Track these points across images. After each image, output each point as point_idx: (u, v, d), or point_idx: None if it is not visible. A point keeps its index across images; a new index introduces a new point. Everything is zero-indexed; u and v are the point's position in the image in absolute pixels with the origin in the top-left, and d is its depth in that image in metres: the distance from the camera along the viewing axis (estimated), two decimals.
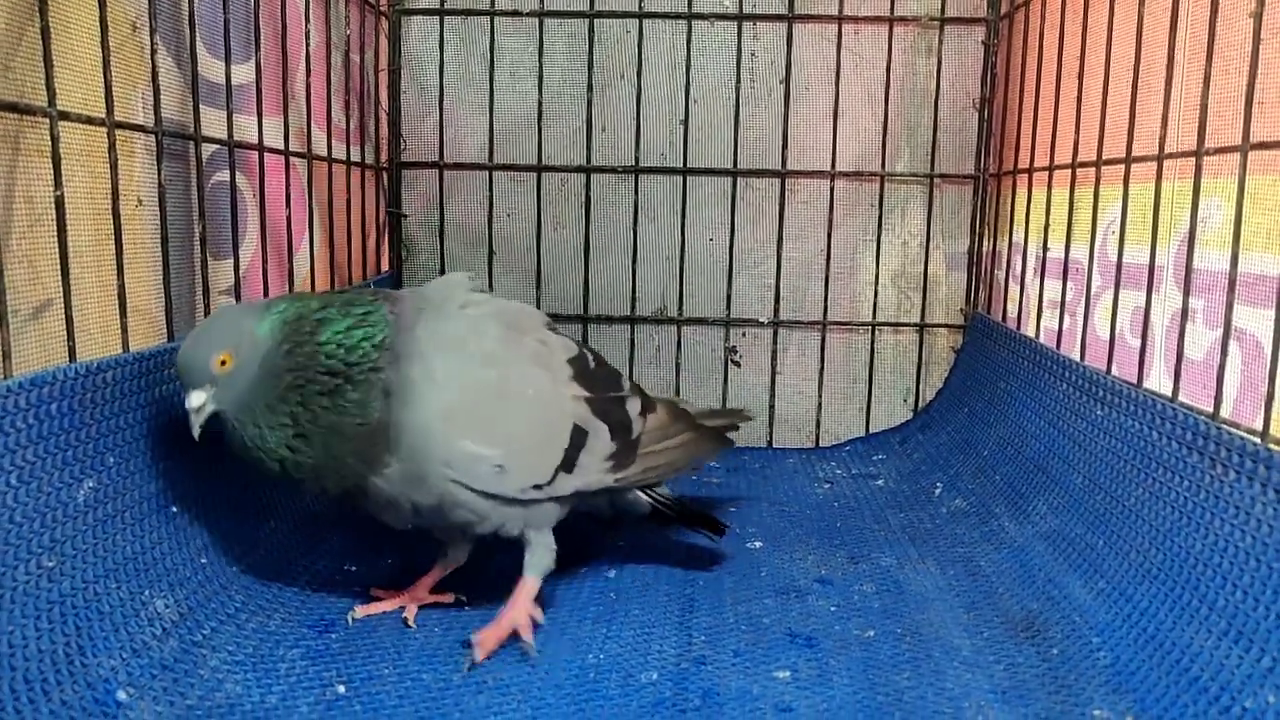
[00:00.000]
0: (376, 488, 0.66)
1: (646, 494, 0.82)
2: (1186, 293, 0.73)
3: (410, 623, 0.70)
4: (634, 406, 0.79)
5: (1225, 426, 0.65)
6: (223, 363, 0.63)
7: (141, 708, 0.56)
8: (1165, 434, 0.71)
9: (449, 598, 0.74)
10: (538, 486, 0.70)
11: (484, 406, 0.68)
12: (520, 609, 0.69)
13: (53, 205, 0.62)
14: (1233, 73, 0.70)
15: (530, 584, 0.71)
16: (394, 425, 0.64)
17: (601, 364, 0.80)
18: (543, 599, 0.72)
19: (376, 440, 0.65)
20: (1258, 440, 0.62)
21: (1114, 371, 0.83)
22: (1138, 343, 0.80)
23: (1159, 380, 0.79)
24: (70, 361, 0.62)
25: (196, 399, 0.64)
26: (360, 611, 0.71)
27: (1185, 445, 0.69)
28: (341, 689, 0.61)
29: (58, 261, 0.62)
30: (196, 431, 0.64)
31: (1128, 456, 0.76)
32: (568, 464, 0.72)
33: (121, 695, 0.56)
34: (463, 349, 0.69)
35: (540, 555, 0.72)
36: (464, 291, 0.73)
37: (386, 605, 0.72)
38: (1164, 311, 0.79)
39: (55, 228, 0.62)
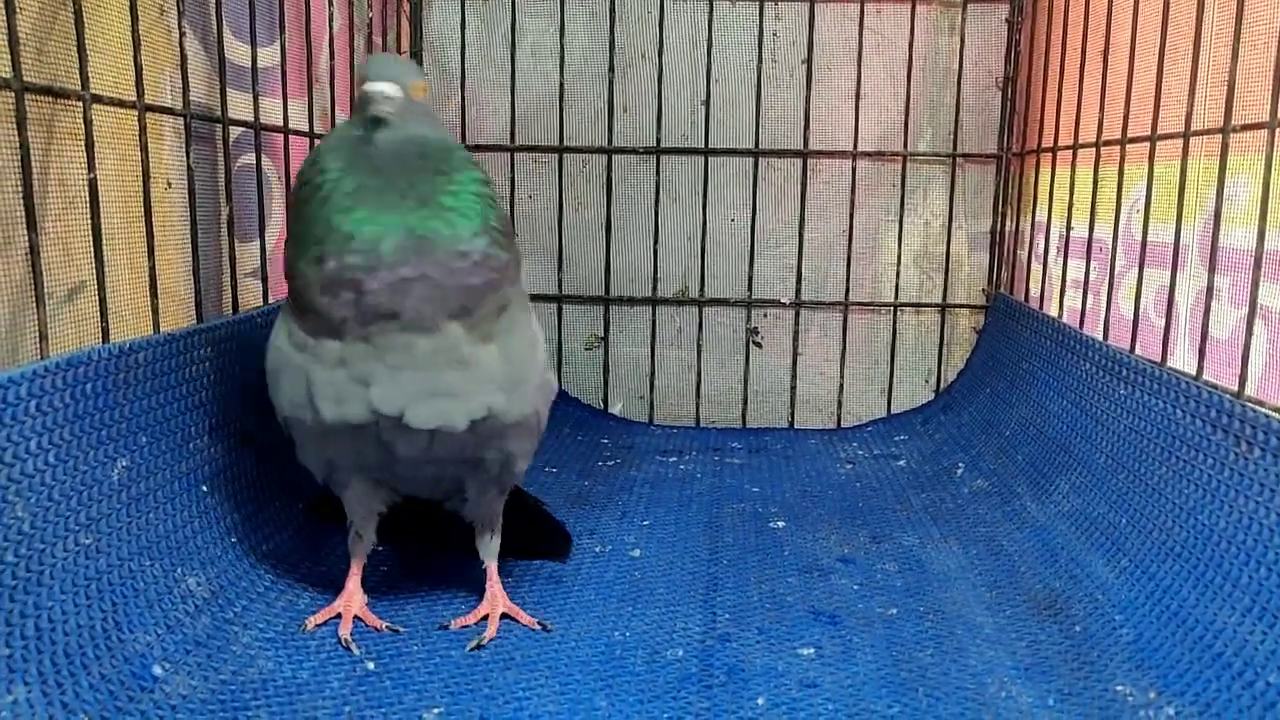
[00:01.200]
0: (472, 359, 0.61)
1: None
2: (1212, 271, 0.73)
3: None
4: None
5: (1250, 405, 0.65)
6: (421, 90, 0.61)
7: (176, 682, 0.57)
8: (1189, 412, 0.71)
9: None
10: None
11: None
12: (503, 596, 0.69)
13: (85, 188, 0.63)
14: (1260, 47, 0.69)
15: (495, 569, 0.71)
16: (511, 304, 0.63)
17: None
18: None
19: (496, 285, 0.61)
20: None
21: (1138, 351, 0.83)
22: (1162, 322, 0.80)
23: (1183, 359, 0.78)
24: (104, 342, 0.63)
25: (393, 90, 0.59)
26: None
27: (1210, 423, 0.69)
28: (371, 665, 0.62)
29: (91, 244, 0.63)
30: (385, 109, 0.58)
31: (1151, 435, 0.76)
32: None
33: (157, 670, 0.57)
34: None
35: (497, 537, 0.71)
36: None
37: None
38: (1189, 290, 0.79)
39: (88, 211, 0.63)
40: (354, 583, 0.68)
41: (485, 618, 0.68)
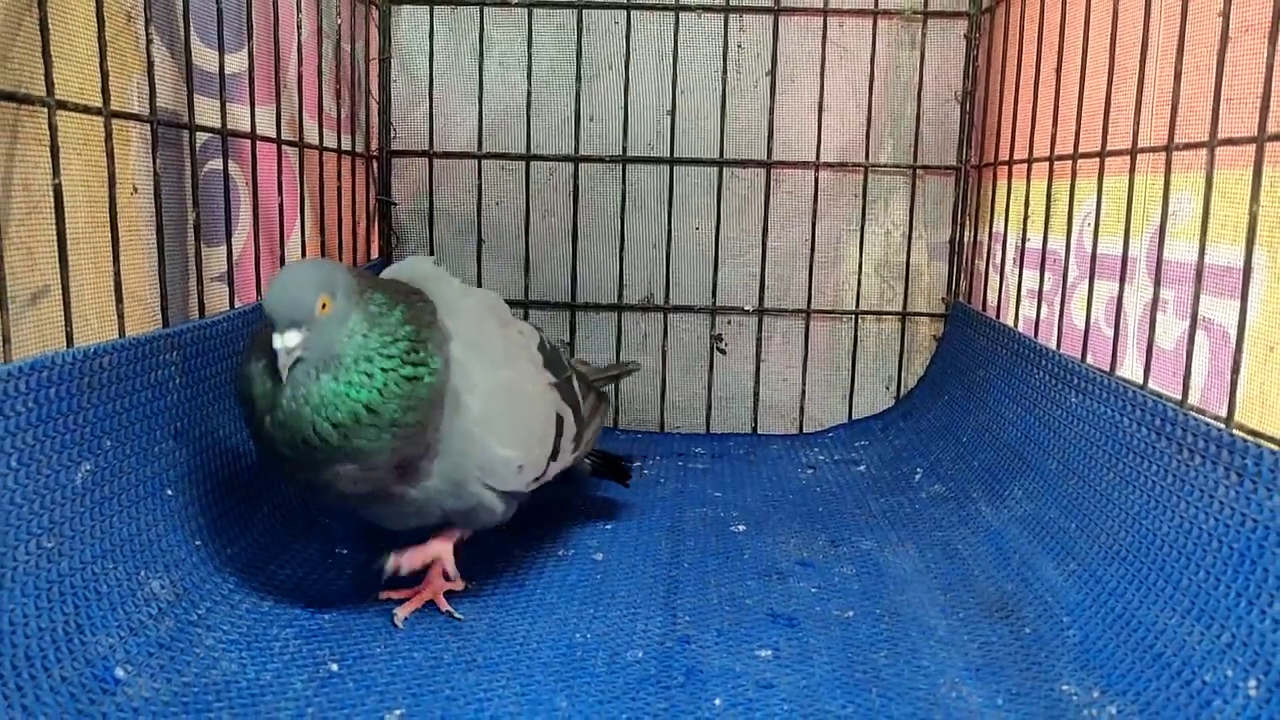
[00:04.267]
0: (406, 497, 0.65)
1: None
2: (1157, 283, 0.75)
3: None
4: (577, 384, 0.83)
5: (1192, 413, 0.67)
6: (324, 305, 0.60)
7: (139, 685, 0.57)
8: (1136, 420, 0.73)
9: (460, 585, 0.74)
10: (537, 479, 0.73)
11: (508, 409, 0.69)
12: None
13: (50, 193, 0.63)
14: (1203, 69, 0.72)
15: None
16: (441, 432, 0.64)
17: (550, 346, 0.81)
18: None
19: (419, 445, 0.63)
20: (1222, 426, 0.64)
21: (1088, 360, 0.85)
22: (1111, 331, 0.82)
23: (1131, 368, 0.81)
24: (68, 347, 0.64)
25: (292, 339, 0.59)
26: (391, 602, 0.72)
27: (1154, 431, 0.71)
28: (334, 667, 0.63)
29: (55, 248, 0.63)
30: (286, 375, 0.60)
31: (1100, 442, 0.78)
32: (555, 452, 0.75)
33: (119, 673, 0.57)
34: (482, 351, 0.68)
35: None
36: (448, 281, 0.72)
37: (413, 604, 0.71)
38: (1137, 301, 0.81)
39: (53, 215, 0.63)
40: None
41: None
